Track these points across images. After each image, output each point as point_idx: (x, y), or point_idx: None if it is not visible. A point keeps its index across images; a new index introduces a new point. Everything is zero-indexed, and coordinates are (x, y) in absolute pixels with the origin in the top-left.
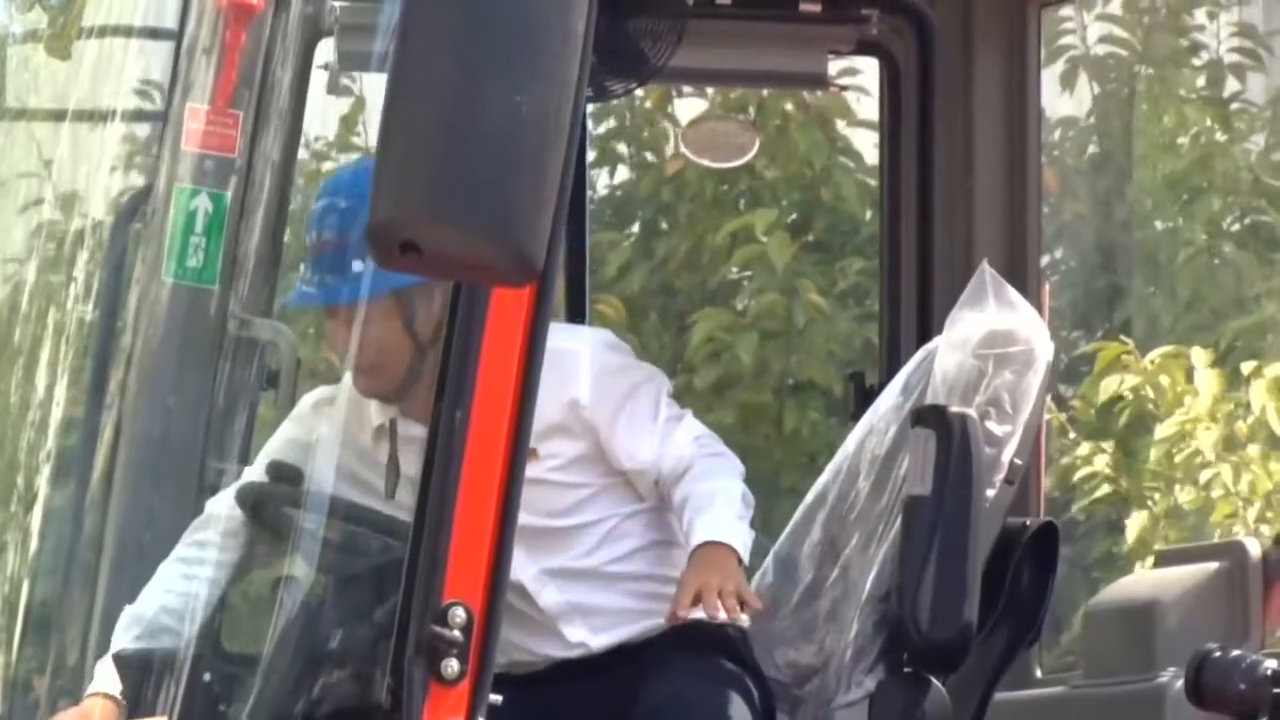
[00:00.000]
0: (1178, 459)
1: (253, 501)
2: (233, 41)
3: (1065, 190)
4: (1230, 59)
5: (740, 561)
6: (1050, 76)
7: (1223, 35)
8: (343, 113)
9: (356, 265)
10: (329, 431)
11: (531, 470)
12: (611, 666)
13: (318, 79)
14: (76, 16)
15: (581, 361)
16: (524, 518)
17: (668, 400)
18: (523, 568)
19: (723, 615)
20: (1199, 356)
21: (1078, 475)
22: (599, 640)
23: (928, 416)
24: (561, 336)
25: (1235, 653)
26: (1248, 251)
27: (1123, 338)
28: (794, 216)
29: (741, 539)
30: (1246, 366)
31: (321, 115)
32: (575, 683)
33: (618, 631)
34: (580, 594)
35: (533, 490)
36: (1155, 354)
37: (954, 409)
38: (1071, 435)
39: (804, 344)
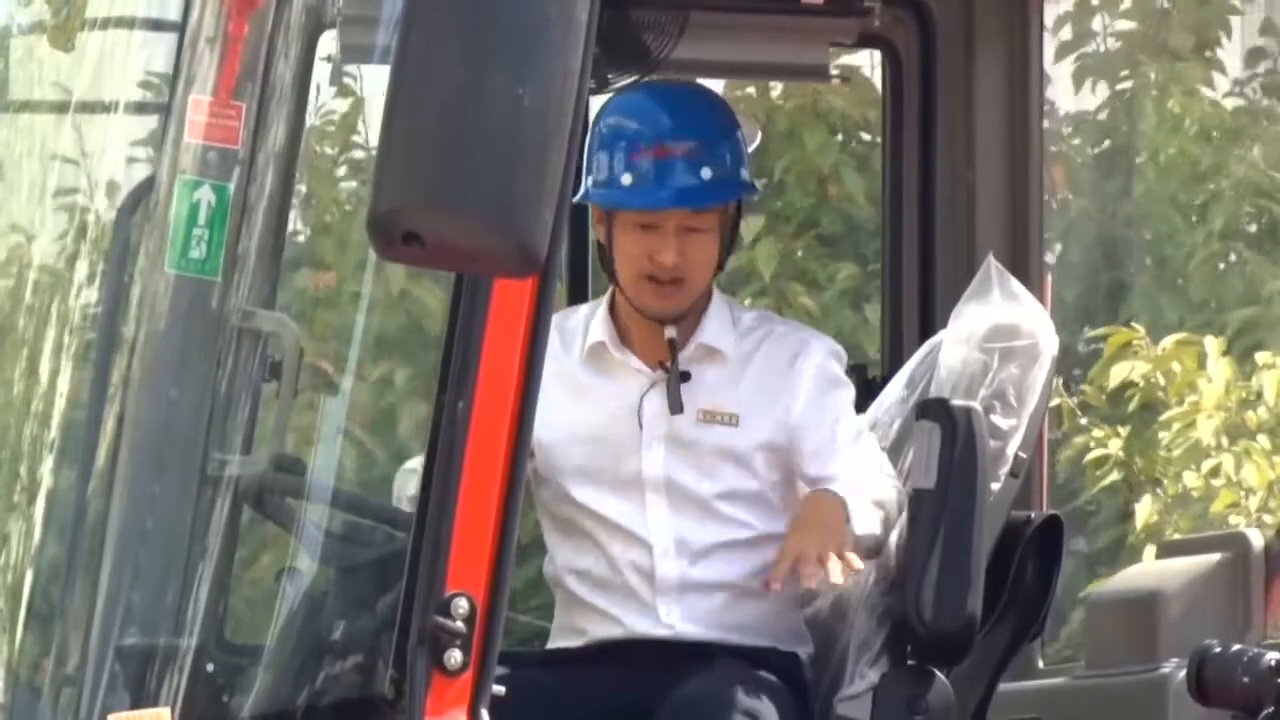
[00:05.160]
0: (1181, 447)
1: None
2: (236, 33)
3: (1071, 186)
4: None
5: (847, 519)
6: (1060, 73)
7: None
8: (346, 104)
9: (706, 173)
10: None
11: (728, 436)
12: (672, 660)
13: (321, 71)
14: (80, 8)
15: (809, 363)
16: (695, 480)
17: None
18: (660, 529)
19: (814, 583)
20: (1212, 344)
21: (1088, 458)
22: (686, 629)
23: (932, 410)
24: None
25: (1236, 647)
26: (1258, 252)
27: (1133, 324)
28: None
29: (856, 502)
30: (1260, 356)
31: (324, 106)
32: (627, 667)
33: (709, 629)
34: (698, 577)
35: (720, 459)
36: (1168, 341)
37: (959, 402)
38: (1083, 420)
39: None
